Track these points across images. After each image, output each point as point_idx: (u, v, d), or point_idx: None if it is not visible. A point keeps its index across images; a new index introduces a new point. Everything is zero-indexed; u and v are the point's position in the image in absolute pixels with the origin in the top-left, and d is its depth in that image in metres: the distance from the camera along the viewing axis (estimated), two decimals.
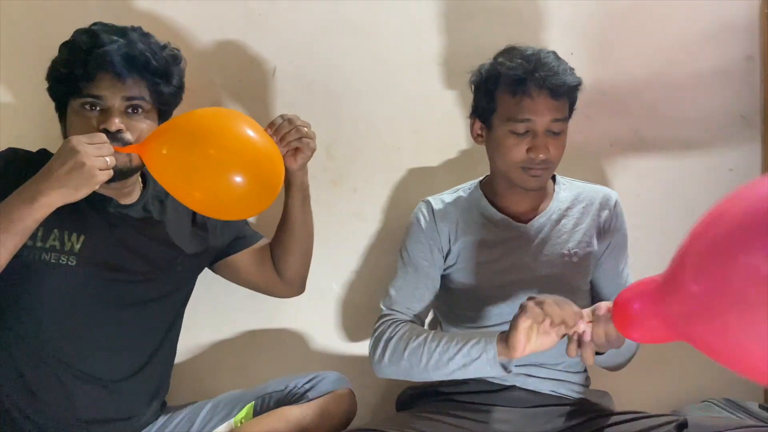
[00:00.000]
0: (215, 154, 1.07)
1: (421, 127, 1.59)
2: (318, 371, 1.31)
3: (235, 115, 1.18)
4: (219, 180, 1.08)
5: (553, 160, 1.27)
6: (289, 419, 1.20)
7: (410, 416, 1.30)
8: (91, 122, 1.12)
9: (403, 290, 1.34)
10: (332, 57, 1.53)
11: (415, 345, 1.23)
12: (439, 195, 1.42)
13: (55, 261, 1.13)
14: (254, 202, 1.13)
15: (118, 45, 1.13)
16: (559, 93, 1.23)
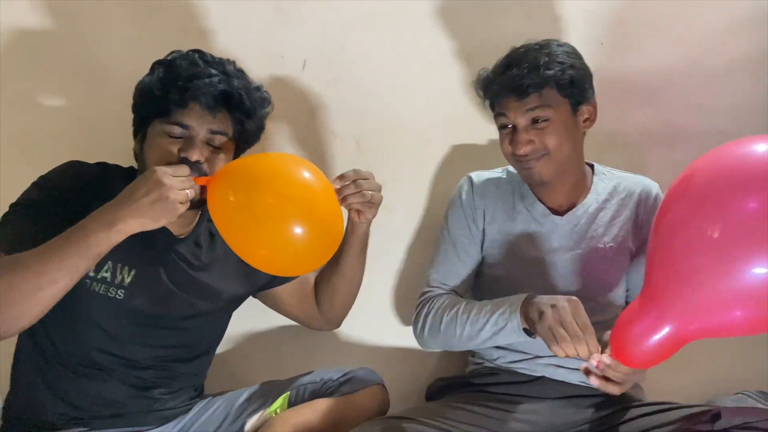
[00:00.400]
0: (276, 202, 1.03)
1: (449, 119, 1.59)
2: (351, 366, 1.33)
3: (303, 166, 1.11)
4: (277, 229, 1.03)
5: (545, 148, 1.26)
6: (324, 411, 1.22)
7: (441, 406, 1.32)
8: (173, 148, 1.12)
9: (441, 268, 1.39)
10: (361, 51, 1.54)
11: (448, 319, 1.29)
12: (484, 172, 1.43)
13: (103, 293, 1.14)
14: (312, 257, 1.09)
15: (218, 79, 1.13)
16: (522, 92, 1.25)
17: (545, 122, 1.26)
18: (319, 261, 1.11)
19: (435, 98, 1.58)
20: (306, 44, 1.52)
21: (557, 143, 1.27)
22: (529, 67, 1.25)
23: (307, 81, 1.53)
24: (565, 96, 1.27)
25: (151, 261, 1.19)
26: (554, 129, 1.27)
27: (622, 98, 1.59)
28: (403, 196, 1.60)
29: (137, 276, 1.17)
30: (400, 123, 1.58)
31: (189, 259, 1.23)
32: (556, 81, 1.25)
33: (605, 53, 1.51)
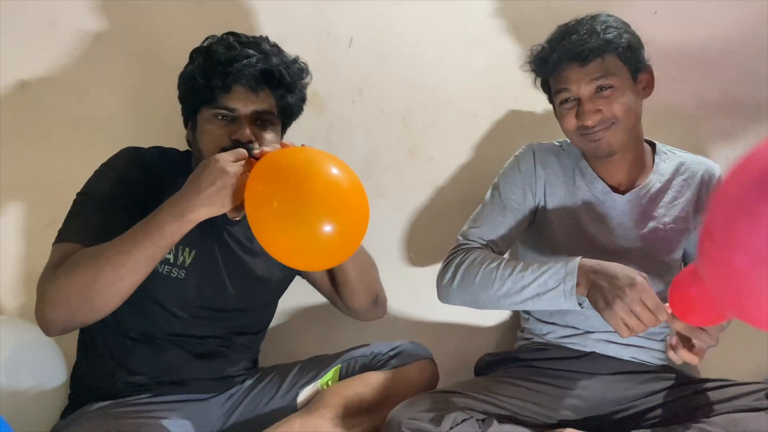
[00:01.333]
0: (305, 199, 0.98)
1: (497, 93, 1.57)
2: (401, 340, 1.35)
3: (335, 164, 1.06)
4: (302, 225, 0.98)
5: (616, 116, 1.24)
6: (374, 384, 1.24)
7: (489, 381, 1.32)
8: (224, 133, 1.16)
9: (484, 225, 1.33)
10: (407, 26, 1.53)
11: (487, 270, 1.22)
12: (545, 143, 1.40)
13: (166, 273, 1.19)
14: (334, 255, 1.06)
15: (256, 59, 1.16)
16: (585, 57, 1.22)
17: (610, 90, 1.24)
18: (339, 258, 1.10)
19: (482, 73, 1.56)
20: (352, 21, 1.52)
21: (625, 110, 1.24)
22: (588, 32, 1.23)
23: (353, 58, 1.54)
24: (624, 62, 1.25)
25: (209, 242, 1.23)
26: (620, 96, 1.24)
27: (677, 69, 1.55)
28: (451, 171, 1.60)
29: (197, 257, 1.21)
30: (447, 98, 1.57)
31: (242, 242, 1.26)
32: (616, 46, 1.23)
33: (659, 23, 1.46)
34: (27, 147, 1.47)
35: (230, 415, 1.26)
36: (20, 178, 1.47)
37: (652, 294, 1.08)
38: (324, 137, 1.56)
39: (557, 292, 1.15)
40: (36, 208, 1.45)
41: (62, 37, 1.45)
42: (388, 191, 1.59)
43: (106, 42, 1.47)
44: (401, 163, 1.59)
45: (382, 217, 1.60)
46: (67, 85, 1.46)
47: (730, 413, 1.15)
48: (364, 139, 1.57)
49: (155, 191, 1.19)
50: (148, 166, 1.21)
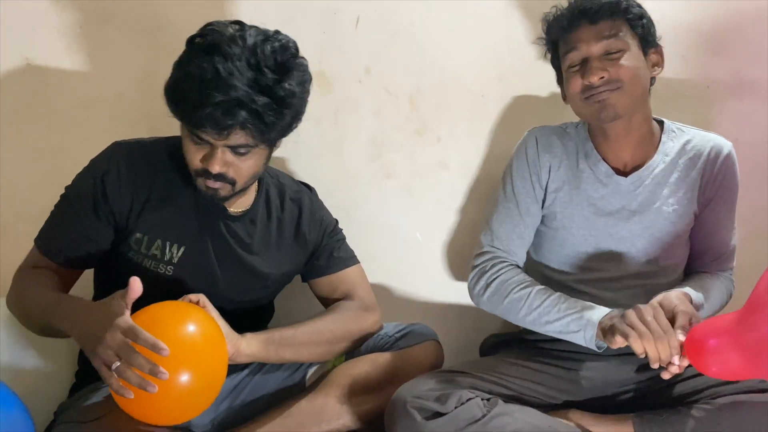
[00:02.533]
0: None
1: (506, 74, 1.56)
2: (407, 321, 1.36)
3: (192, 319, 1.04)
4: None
5: (621, 78, 1.22)
6: (380, 364, 1.25)
7: (494, 361, 1.33)
8: (198, 156, 1.12)
9: (504, 226, 1.35)
10: (416, 5, 1.52)
11: (517, 297, 1.27)
12: (548, 127, 1.40)
13: (153, 269, 1.19)
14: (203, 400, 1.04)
15: (223, 110, 1.03)
16: (597, 15, 1.22)
17: (619, 53, 1.23)
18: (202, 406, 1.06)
19: (491, 53, 1.55)
20: (359, 0, 1.51)
21: (632, 75, 1.22)
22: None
23: (360, 38, 1.52)
24: (635, 32, 1.25)
25: (202, 238, 1.22)
26: (628, 61, 1.23)
27: (688, 48, 1.53)
28: (459, 152, 1.59)
29: (186, 253, 1.20)
30: (455, 78, 1.56)
31: (242, 238, 1.25)
32: (627, 11, 1.23)
33: (670, 2, 1.44)
34: (34, 126, 1.47)
35: (238, 396, 1.27)
36: (27, 157, 1.47)
37: (664, 317, 1.10)
38: (332, 117, 1.55)
39: (578, 336, 1.20)
40: (42, 188, 1.45)
41: (69, 15, 1.44)
42: (396, 171, 1.59)
43: (113, 20, 1.46)
44: (409, 144, 1.58)
45: (389, 198, 1.60)
46: (74, 65, 1.46)
47: (735, 394, 1.16)
48: (372, 120, 1.56)
49: (153, 187, 1.20)
50: (140, 162, 1.20)
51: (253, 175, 1.19)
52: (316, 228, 1.35)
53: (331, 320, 1.28)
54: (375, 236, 1.59)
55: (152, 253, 1.19)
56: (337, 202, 1.47)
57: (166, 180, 1.21)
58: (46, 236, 1.20)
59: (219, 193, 1.15)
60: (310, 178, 1.46)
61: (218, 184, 1.14)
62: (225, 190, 1.15)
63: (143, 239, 1.19)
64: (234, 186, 1.15)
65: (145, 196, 1.19)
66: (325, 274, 1.36)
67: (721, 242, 1.34)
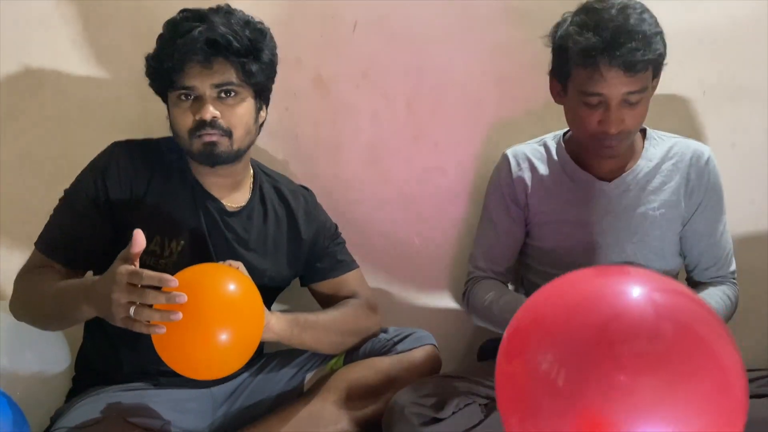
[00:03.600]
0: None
1: (503, 78, 1.56)
2: (405, 325, 1.36)
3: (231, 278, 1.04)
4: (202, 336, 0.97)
5: (630, 129, 1.21)
6: (378, 369, 1.25)
7: (492, 366, 1.31)
8: (188, 114, 1.15)
9: (482, 248, 1.41)
10: (414, 8, 1.52)
11: (484, 308, 1.33)
12: (520, 146, 1.41)
13: (153, 265, 1.18)
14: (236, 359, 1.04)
15: (199, 31, 1.12)
16: (635, 70, 1.15)
17: (639, 101, 1.19)
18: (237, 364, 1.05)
19: (488, 57, 1.55)
20: (357, 4, 1.51)
21: (637, 124, 1.23)
22: (643, 40, 1.14)
23: (358, 42, 1.52)
24: (654, 73, 1.21)
25: (200, 233, 1.22)
26: (642, 109, 1.21)
27: (683, 54, 1.53)
28: (456, 156, 1.59)
29: (185, 248, 1.21)
30: (452, 83, 1.56)
31: (239, 233, 1.26)
32: (660, 59, 1.19)
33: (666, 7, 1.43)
34: (32, 129, 1.47)
35: (236, 400, 1.27)
36: (25, 161, 1.47)
37: None
38: (329, 121, 1.55)
39: None
40: (40, 191, 1.45)
41: (66, 19, 1.44)
42: (393, 176, 1.59)
43: (111, 24, 1.46)
44: (406, 148, 1.58)
45: (386, 202, 1.60)
46: (72, 68, 1.46)
47: None
48: (369, 124, 1.56)
49: (151, 182, 1.21)
50: (138, 159, 1.21)
51: (246, 128, 1.19)
52: (312, 227, 1.35)
53: (345, 313, 1.31)
54: (372, 240, 1.60)
55: (151, 249, 1.19)
56: (335, 206, 1.47)
57: (163, 176, 1.22)
58: (47, 237, 1.20)
59: (217, 148, 1.16)
60: (308, 182, 1.46)
61: (215, 135, 1.15)
62: (223, 144, 1.16)
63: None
64: (231, 138, 1.16)
65: (144, 192, 1.20)
66: (328, 278, 1.36)
67: (716, 245, 1.34)
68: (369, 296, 1.39)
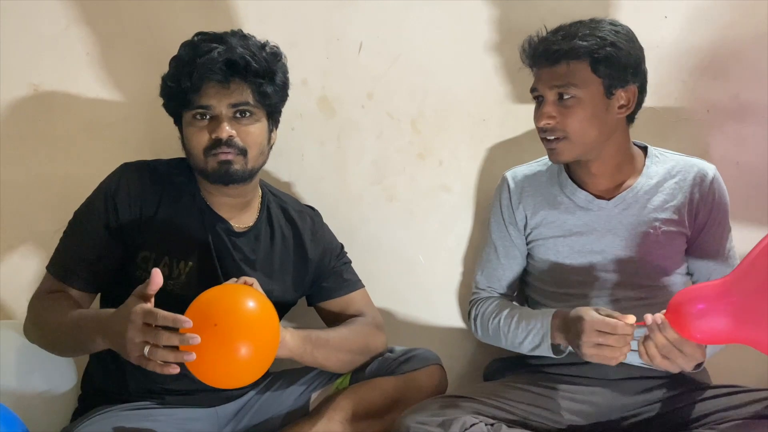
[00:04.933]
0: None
1: (506, 98, 1.57)
2: (410, 345, 1.36)
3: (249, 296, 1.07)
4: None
5: (564, 130, 1.23)
6: (384, 389, 1.25)
7: (499, 385, 1.33)
8: (204, 133, 1.18)
9: (486, 271, 1.44)
10: (418, 30, 1.53)
11: (493, 326, 1.36)
12: (520, 167, 1.43)
13: (162, 286, 1.18)
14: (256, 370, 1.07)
15: (218, 52, 1.15)
16: (553, 58, 1.22)
17: (572, 100, 1.22)
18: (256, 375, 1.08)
19: (492, 77, 1.56)
20: (362, 26, 1.53)
21: (579, 128, 1.23)
22: (565, 34, 1.23)
23: (363, 63, 1.54)
24: (598, 75, 1.22)
25: (209, 254, 1.23)
26: (579, 111, 1.22)
27: (687, 73, 1.54)
28: (460, 175, 1.60)
29: (194, 269, 1.21)
30: (457, 102, 1.57)
31: (246, 254, 1.26)
32: (590, 54, 1.20)
33: (669, 27, 1.45)
34: (40, 150, 1.48)
35: (242, 419, 1.27)
36: (33, 181, 1.49)
37: (602, 321, 1.12)
38: (335, 141, 1.57)
39: (543, 349, 1.27)
40: (48, 212, 1.46)
41: (75, 41, 1.46)
42: (398, 195, 1.60)
43: (118, 46, 1.48)
44: (411, 167, 1.59)
45: (391, 221, 1.60)
46: (80, 89, 1.48)
47: (740, 420, 1.15)
48: (374, 143, 1.58)
49: (160, 204, 1.22)
50: (147, 181, 1.22)
51: (260, 148, 1.22)
52: (318, 247, 1.36)
53: (354, 331, 1.31)
54: (378, 259, 1.60)
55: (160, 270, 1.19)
56: (340, 224, 1.47)
57: (172, 197, 1.23)
58: (59, 260, 1.21)
59: (232, 166, 1.17)
60: (314, 201, 1.47)
61: (230, 153, 1.17)
62: (238, 163, 1.18)
63: (151, 257, 1.20)
64: (246, 157, 1.18)
65: (153, 213, 1.21)
66: (334, 297, 1.37)
67: (725, 263, 1.33)
68: (375, 315, 1.39)
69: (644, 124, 1.37)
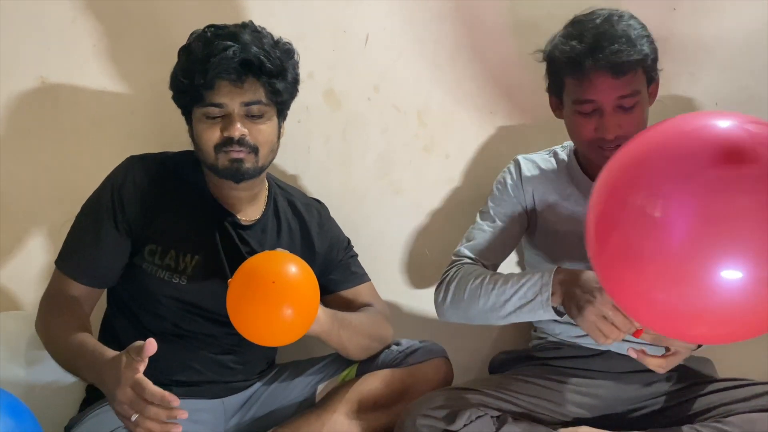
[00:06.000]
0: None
1: (514, 90, 1.57)
2: (416, 338, 1.36)
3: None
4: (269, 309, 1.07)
5: (629, 134, 1.18)
6: (389, 381, 1.25)
7: (504, 378, 1.33)
8: (215, 130, 1.17)
9: (475, 241, 1.34)
10: (425, 22, 1.53)
11: (473, 286, 1.23)
12: (531, 155, 1.40)
13: (168, 279, 1.20)
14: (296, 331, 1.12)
15: (233, 51, 1.13)
16: (622, 71, 1.15)
17: (633, 105, 1.19)
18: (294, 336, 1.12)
19: (499, 69, 1.56)
20: (368, 18, 1.52)
21: (638, 128, 1.20)
22: (626, 41, 1.15)
23: (369, 55, 1.54)
24: (645, 75, 1.20)
25: (215, 247, 1.23)
26: (639, 114, 1.20)
27: (695, 65, 1.53)
28: (467, 168, 1.59)
29: (200, 263, 1.21)
30: (463, 95, 1.57)
31: (253, 247, 1.26)
32: (647, 60, 1.18)
33: (677, 19, 1.44)
34: (48, 144, 1.49)
35: (248, 411, 1.28)
36: (40, 173, 1.49)
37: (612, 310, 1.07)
38: (340, 134, 1.57)
39: (535, 304, 1.16)
40: (56, 205, 1.47)
41: (82, 35, 1.47)
42: (404, 188, 1.60)
43: (125, 40, 1.48)
44: (417, 160, 1.59)
45: (397, 214, 1.61)
46: (87, 82, 1.48)
47: (747, 413, 1.15)
48: (380, 136, 1.57)
49: (167, 197, 1.22)
50: (154, 174, 1.23)
51: (271, 146, 1.22)
52: (325, 240, 1.36)
53: (370, 318, 1.31)
54: (383, 252, 1.60)
55: (166, 263, 1.20)
56: (346, 218, 1.48)
57: (179, 191, 1.24)
58: (67, 257, 1.21)
59: (244, 165, 1.17)
60: (319, 195, 1.47)
61: (242, 152, 1.16)
62: (249, 161, 1.18)
63: (157, 250, 1.20)
64: (257, 155, 1.18)
65: (159, 207, 1.21)
66: (342, 290, 1.36)
67: None
68: (383, 307, 1.39)
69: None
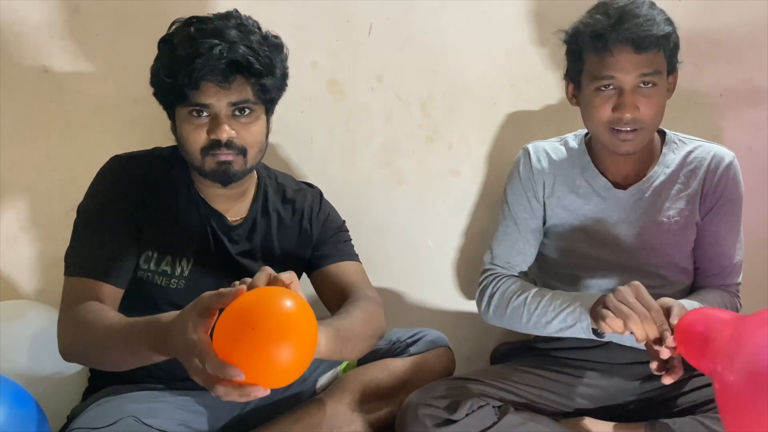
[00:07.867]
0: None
1: (518, 81, 1.56)
2: (419, 328, 1.36)
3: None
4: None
5: (645, 119, 1.19)
6: (391, 370, 1.25)
7: (506, 369, 1.33)
8: (201, 132, 1.12)
9: (503, 244, 1.36)
10: (428, 12, 1.52)
11: (516, 304, 1.27)
12: (541, 142, 1.39)
13: (165, 285, 1.18)
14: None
15: (220, 50, 1.07)
16: (643, 45, 1.14)
17: (652, 88, 1.18)
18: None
19: (503, 59, 1.55)
20: (372, 8, 1.52)
21: (655, 116, 1.20)
22: (651, 20, 1.15)
23: (373, 45, 1.53)
24: (668, 61, 1.20)
25: (208, 249, 1.22)
26: (658, 98, 1.19)
27: (700, 57, 1.52)
28: (470, 159, 1.59)
29: (195, 266, 1.20)
30: (467, 85, 1.56)
31: (243, 245, 1.25)
32: (668, 43, 1.18)
33: (683, 10, 1.43)
34: (51, 132, 1.49)
35: (249, 402, 1.27)
36: (43, 162, 1.49)
37: (647, 295, 1.06)
38: (344, 124, 1.56)
39: (576, 330, 1.20)
40: (58, 193, 1.48)
41: (85, 22, 1.46)
42: (407, 178, 1.60)
43: (128, 27, 1.48)
44: (420, 150, 1.58)
45: (400, 204, 1.61)
46: (91, 70, 1.48)
47: None
48: (383, 126, 1.57)
49: (149, 195, 1.19)
50: (136, 172, 1.19)
51: (260, 146, 1.18)
52: (319, 223, 1.33)
53: (369, 315, 1.22)
54: (386, 242, 1.60)
55: (162, 269, 1.19)
56: (349, 207, 1.47)
57: (168, 192, 1.21)
58: (84, 261, 1.15)
59: (232, 167, 1.13)
60: (322, 184, 1.46)
61: (230, 154, 1.12)
62: (237, 164, 1.14)
63: (153, 256, 1.19)
64: (245, 156, 1.14)
65: (151, 209, 1.19)
66: (325, 265, 1.30)
67: (723, 255, 1.30)
68: (373, 292, 1.30)
69: None
